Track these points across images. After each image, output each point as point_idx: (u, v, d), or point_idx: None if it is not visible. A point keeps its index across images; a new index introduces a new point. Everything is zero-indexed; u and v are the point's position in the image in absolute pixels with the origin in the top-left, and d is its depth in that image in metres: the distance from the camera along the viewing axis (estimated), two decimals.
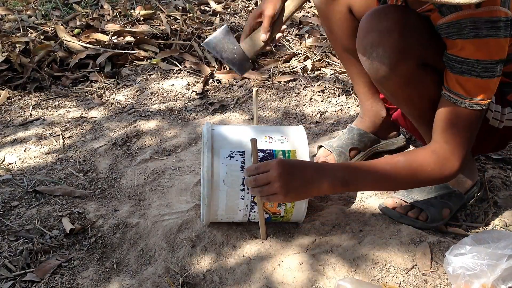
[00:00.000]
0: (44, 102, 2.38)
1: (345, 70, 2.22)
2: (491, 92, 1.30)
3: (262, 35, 1.50)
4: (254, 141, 1.41)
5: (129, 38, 2.83)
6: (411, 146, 1.94)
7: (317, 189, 1.33)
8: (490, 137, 1.54)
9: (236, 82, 2.52)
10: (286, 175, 1.30)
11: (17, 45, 2.72)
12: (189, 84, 2.48)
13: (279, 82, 2.50)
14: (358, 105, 2.26)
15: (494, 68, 1.25)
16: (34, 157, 1.97)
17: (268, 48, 1.60)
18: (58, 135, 2.12)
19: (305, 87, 2.44)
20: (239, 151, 1.44)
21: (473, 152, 1.65)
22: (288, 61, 2.71)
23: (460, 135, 1.33)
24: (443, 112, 1.33)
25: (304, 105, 2.32)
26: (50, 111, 2.31)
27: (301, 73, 2.57)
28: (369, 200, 1.67)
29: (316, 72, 2.58)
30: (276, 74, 2.56)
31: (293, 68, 2.63)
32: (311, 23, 3.07)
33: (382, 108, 1.83)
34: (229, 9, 3.28)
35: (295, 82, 2.49)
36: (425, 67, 1.36)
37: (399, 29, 1.30)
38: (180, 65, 2.65)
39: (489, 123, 1.50)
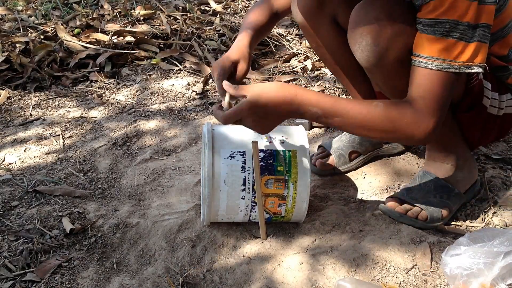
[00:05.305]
0: (44, 102, 2.38)
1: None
2: (463, 55, 1.25)
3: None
4: (255, 144, 1.41)
5: (129, 38, 2.83)
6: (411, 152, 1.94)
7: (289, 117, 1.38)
8: (490, 125, 1.53)
9: None
10: (259, 118, 1.29)
11: (17, 45, 2.72)
12: (189, 84, 2.48)
13: (279, 82, 2.50)
14: None
15: (465, 31, 1.22)
16: (34, 157, 1.97)
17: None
18: (58, 135, 2.12)
19: (305, 87, 2.45)
20: (239, 151, 1.44)
21: (475, 144, 1.63)
22: (288, 61, 2.71)
23: (433, 96, 1.29)
24: (415, 77, 1.30)
25: None
26: (50, 111, 2.31)
27: (301, 73, 2.57)
28: (369, 200, 1.67)
29: (316, 72, 2.58)
30: (276, 74, 2.56)
31: (293, 68, 2.63)
32: None
33: None
34: (229, 9, 3.29)
35: (295, 82, 2.49)
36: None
37: (386, 16, 1.32)
38: (180, 65, 2.65)
39: (487, 111, 1.49)
